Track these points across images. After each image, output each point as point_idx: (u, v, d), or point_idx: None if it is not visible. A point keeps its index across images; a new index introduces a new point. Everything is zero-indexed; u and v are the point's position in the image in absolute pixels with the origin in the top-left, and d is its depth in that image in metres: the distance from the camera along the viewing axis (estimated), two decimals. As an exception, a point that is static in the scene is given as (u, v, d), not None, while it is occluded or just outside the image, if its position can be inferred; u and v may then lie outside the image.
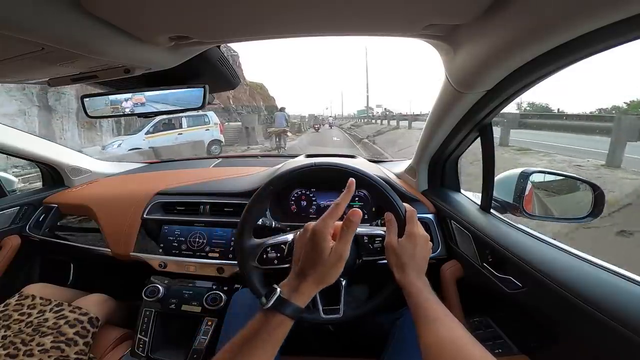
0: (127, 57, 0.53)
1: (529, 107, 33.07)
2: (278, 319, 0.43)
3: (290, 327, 0.45)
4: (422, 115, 13.35)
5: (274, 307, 0.44)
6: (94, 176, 1.32)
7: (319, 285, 0.47)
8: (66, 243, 1.10)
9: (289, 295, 0.45)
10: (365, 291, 0.99)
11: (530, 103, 35.80)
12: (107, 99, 0.71)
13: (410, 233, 0.55)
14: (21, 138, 1.10)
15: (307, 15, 0.43)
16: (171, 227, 0.96)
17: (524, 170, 0.77)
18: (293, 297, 0.45)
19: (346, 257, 0.47)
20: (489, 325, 0.77)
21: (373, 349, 0.71)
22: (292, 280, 0.47)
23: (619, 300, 0.43)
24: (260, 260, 0.63)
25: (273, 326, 0.43)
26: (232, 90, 0.78)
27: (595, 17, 0.34)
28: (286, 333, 0.44)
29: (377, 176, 0.63)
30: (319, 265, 0.46)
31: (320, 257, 0.46)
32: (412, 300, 0.49)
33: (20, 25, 0.36)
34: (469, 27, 0.44)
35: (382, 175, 1.02)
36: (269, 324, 0.43)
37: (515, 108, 18.23)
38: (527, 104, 34.74)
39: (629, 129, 4.01)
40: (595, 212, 0.71)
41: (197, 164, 1.54)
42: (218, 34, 0.51)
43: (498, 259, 0.66)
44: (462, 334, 0.43)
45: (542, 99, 45.80)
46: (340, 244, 0.47)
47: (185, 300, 0.90)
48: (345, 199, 0.48)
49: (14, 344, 0.69)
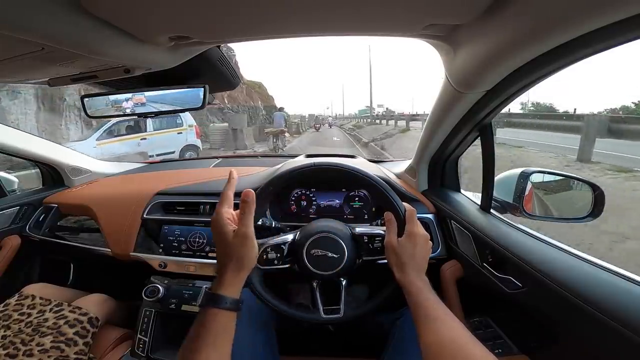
0: (127, 57, 0.53)
1: (533, 106, 33.06)
2: (212, 312, 0.44)
3: (232, 322, 0.46)
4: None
5: (206, 304, 0.45)
6: (94, 176, 1.32)
7: (240, 271, 0.48)
8: (66, 243, 1.10)
9: (216, 289, 0.46)
10: (365, 291, 0.99)
11: (535, 103, 35.73)
12: (107, 99, 0.71)
13: (410, 232, 0.55)
14: (21, 138, 1.10)
15: (307, 15, 0.43)
16: (171, 227, 0.96)
17: (524, 170, 0.77)
18: (220, 289, 0.46)
19: (252, 236, 0.49)
20: (489, 325, 0.77)
21: (373, 349, 0.71)
22: (217, 276, 0.48)
23: (619, 300, 0.43)
24: (260, 260, 0.63)
25: (208, 320, 0.44)
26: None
27: (595, 17, 0.34)
28: (228, 325, 0.45)
29: (377, 176, 0.64)
30: (229, 251, 0.48)
31: (226, 243, 0.48)
32: (412, 299, 0.49)
33: (20, 25, 0.36)
34: (469, 27, 0.44)
35: (382, 175, 1.02)
36: (205, 319, 0.44)
37: (519, 107, 18.15)
38: (532, 104, 34.72)
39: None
40: (595, 212, 0.71)
41: (197, 164, 1.54)
42: (218, 34, 0.51)
43: (498, 259, 0.66)
44: (463, 333, 0.43)
45: (547, 99, 45.77)
46: (240, 224, 0.48)
47: (185, 300, 0.90)
48: (229, 187, 0.51)
49: (14, 343, 0.69)
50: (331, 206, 1.00)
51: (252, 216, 0.49)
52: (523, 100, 29.03)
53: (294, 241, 0.65)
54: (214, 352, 0.43)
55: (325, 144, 13.02)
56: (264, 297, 0.62)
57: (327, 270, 0.61)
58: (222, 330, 0.44)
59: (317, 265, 0.61)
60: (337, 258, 0.61)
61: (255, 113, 17.94)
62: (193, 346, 0.43)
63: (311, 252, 0.62)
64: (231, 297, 0.46)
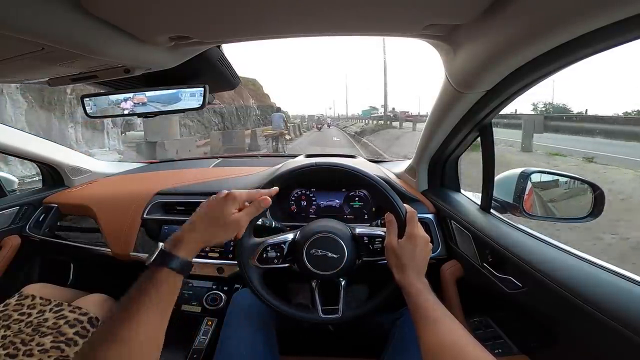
0: (127, 57, 0.53)
1: (544, 107, 33.06)
2: (163, 273, 0.42)
3: (179, 285, 0.44)
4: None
5: (160, 263, 0.43)
6: (94, 176, 1.32)
7: (205, 241, 0.49)
8: (66, 243, 1.10)
9: (172, 247, 0.45)
10: (365, 291, 0.99)
11: (547, 103, 35.70)
12: (107, 99, 0.71)
13: (411, 234, 0.55)
14: (21, 138, 1.10)
15: (307, 15, 0.43)
16: (171, 227, 0.96)
17: (524, 170, 0.77)
18: (177, 248, 0.45)
19: (242, 229, 0.51)
20: (489, 325, 0.77)
21: (373, 349, 0.71)
22: (179, 232, 0.48)
23: (619, 300, 0.43)
24: (260, 259, 0.63)
25: (160, 281, 0.42)
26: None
27: (595, 17, 0.34)
28: (176, 291, 0.44)
29: (377, 176, 0.64)
30: (213, 223, 0.49)
31: (219, 217, 0.49)
32: (412, 300, 0.49)
33: (20, 25, 0.36)
34: (469, 27, 0.44)
35: (382, 175, 1.02)
36: (155, 279, 0.42)
37: (531, 108, 17.91)
38: (543, 104, 34.66)
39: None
40: (595, 212, 0.71)
41: (197, 164, 1.54)
42: (218, 34, 0.51)
43: (498, 259, 0.66)
44: (463, 334, 0.43)
45: (563, 99, 45.72)
46: (243, 214, 0.50)
47: (185, 300, 0.90)
48: (263, 193, 0.54)
49: (14, 343, 0.69)
50: (331, 206, 1.00)
51: (255, 215, 0.51)
52: (534, 101, 28.94)
53: (294, 241, 0.65)
54: (156, 314, 0.40)
55: (326, 144, 12.83)
56: (263, 296, 0.62)
57: (327, 270, 0.61)
58: (170, 297, 0.43)
59: (317, 265, 0.61)
60: (337, 258, 0.61)
61: (246, 113, 16.66)
62: (133, 306, 0.39)
63: (311, 252, 0.62)
64: (185, 259, 0.45)
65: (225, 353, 0.64)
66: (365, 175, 0.62)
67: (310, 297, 0.66)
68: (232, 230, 0.51)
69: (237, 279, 0.91)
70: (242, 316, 0.70)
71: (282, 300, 0.63)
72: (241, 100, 16.60)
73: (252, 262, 0.63)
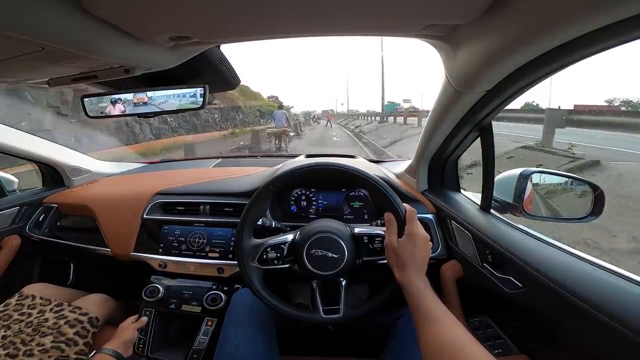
0: (127, 57, 0.53)
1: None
2: None
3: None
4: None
5: None
6: (93, 176, 1.32)
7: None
8: (66, 243, 1.10)
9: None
10: (365, 291, 0.99)
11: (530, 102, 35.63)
12: (107, 99, 0.71)
13: (410, 233, 0.55)
14: (21, 138, 1.09)
15: (307, 15, 0.43)
16: (171, 227, 0.96)
17: (524, 170, 0.77)
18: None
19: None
20: (489, 325, 0.77)
21: (373, 349, 0.71)
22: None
23: (619, 301, 0.43)
24: (260, 260, 0.63)
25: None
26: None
27: (595, 17, 0.34)
28: None
29: (377, 176, 0.64)
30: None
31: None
32: (412, 300, 0.49)
33: (21, 25, 0.36)
34: (469, 27, 0.45)
35: (382, 175, 1.02)
36: None
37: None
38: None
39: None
40: (595, 212, 0.71)
41: (197, 164, 1.54)
42: (218, 34, 0.51)
43: (498, 259, 0.66)
44: (462, 334, 0.43)
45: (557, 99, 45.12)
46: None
47: (185, 300, 0.90)
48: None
49: (14, 343, 0.69)
50: (331, 206, 1.00)
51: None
52: (528, 101, 28.84)
53: (294, 241, 0.65)
54: None
55: (326, 144, 12.92)
56: (263, 297, 0.62)
57: (327, 270, 0.61)
58: None
59: (317, 265, 0.61)
60: (337, 258, 0.61)
61: (228, 116, 14.37)
62: None
63: (311, 252, 0.62)
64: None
65: (225, 353, 0.64)
66: (365, 175, 0.62)
67: (310, 298, 0.66)
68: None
69: (237, 279, 0.91)
70: (242, 316, 0.70)
71: (283, 301, 0.63)
72: (221, 104, 14.81)
73: (253, 263, 0.63)
